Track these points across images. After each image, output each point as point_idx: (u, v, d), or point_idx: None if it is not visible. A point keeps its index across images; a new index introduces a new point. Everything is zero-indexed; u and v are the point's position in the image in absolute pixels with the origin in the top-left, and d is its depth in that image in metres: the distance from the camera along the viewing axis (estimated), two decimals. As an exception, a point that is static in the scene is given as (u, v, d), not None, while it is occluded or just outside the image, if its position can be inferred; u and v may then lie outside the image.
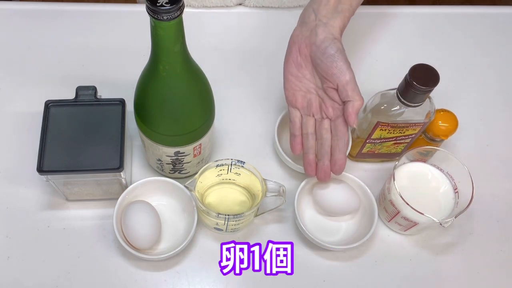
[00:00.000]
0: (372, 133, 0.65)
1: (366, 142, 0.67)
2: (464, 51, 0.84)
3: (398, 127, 0.63)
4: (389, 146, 0.68)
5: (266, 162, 0.72)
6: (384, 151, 0.69)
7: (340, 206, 0.65)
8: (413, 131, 0.65)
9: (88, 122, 0.61)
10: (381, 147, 0.68)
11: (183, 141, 0.60)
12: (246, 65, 0.80)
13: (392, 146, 0.68)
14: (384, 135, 0.65)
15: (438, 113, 0.66)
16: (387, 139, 0.66)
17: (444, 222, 0.59)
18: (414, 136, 0.66)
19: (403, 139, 0.66)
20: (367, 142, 0.67)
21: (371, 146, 0.68)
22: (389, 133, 0.65)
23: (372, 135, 0.65)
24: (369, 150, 0.69)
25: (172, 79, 0.53)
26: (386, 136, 0.65)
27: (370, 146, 0.68)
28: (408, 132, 0.65)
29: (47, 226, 0.66)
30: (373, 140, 0.67)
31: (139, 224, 0.61)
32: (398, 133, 0.65)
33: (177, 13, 0.45)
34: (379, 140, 0.66)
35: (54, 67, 0.77)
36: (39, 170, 0.58)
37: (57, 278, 0.63)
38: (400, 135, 0.65)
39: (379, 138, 0.66)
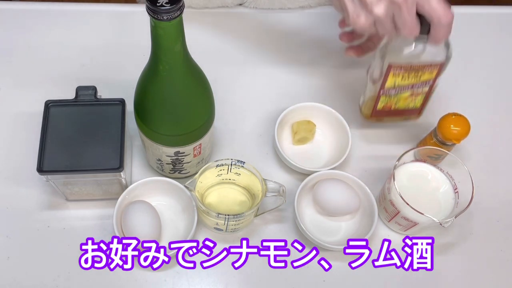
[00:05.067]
0: (385, 81, 0.61)
1: (379, 94, 0.63)
2: (464, 51, 0.84)
3: (412, 70, 0.60)
4: (406, 98, 0.64)
5: (266, 162, 0.72)
6: (401, 105, 0.65)
7: (340, 206, 0.65)
8: (429, 76, 0.60)
9: (88, 122, 0.61)
10: (397, 100, 0.64)
11: (183, 141, 0.60)
12: (246, 65, 0.80)
13: (409, 98, 0.64)
14: (398, 82, 0.61)
15: (450, 117, 0.66)
16: (402, 88, 0.62)
17: (444, 222, 0.59)
18: (432, 83, 0.62)
19: (420, 87, 0.62)
20: (381, 94, 0.63)
21: (386, 100, 0.64)
22: (404, 79, 0.61)
23: (386, 84, 0.61)
24: (385, 105, 0.65)
25: (172, 79, 0.53)
26: (400, 83, 0.61)
27: (385, 99, 0.64)
28: (424, 77, 0.60)
29: (47, 226, 0.66)
30: (387, 91, 0.62)
31: (139, 224, 0.61)
32: (413, 78, 0.61)
33: (177, 13, 0.45)
34: (393, 89, 0.62)
35: (54, 67, 0.77)
36: (39, 170, 0.58)
37: (57, 278, 0.63)
38: (416, 81, 0.61)
39: (393, 86, 0.62)
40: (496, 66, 0.83)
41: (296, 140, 0.72)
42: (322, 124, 0.73)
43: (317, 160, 0.72)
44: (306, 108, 0.72)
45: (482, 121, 0.74)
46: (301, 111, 0.72)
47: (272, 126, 0.71)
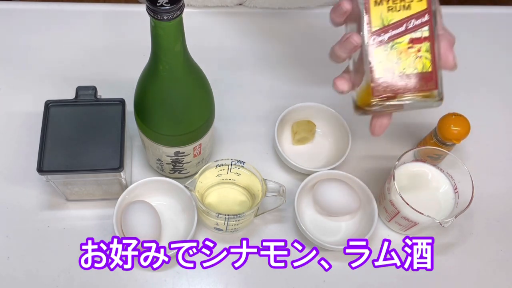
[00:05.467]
0: (370, 16, 0.49)
1: (370, 45, 0.50)
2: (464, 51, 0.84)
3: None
4: (407, 51, 0.50)
5: (266, 162, 0.72)
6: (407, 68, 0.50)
7: (340, 206, 0.65)
8: (420, 4, 0.50)
9: (88, 122, 0.61)
10: (398, 57, 0.50)
11: (183, 141, 0.60)
12: (246, 65, 0.80)
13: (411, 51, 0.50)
14: (386, 18, 0.49)
15: (450, 117, 0.66)
16: (395, 29, 0.50)
17: (444, 222, 0.59)
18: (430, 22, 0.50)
19: (418, 28, 0.50)
20: (372, 45, 0.50)
21: (381, 55, 0.50)
22: (390, 9, 0.49)
23: (372, 20, 0.49)
24: (385, 69, 0.50)
25: (172, 79, 0.53)
26: (389, 19, 0.49)
27: (380, 54, 0.50)
28: (415, 7, 0.49)
29: (47, 226, 0.66)
30: (378, 36, 0.49)
31: (139, 224, 0.61)
32: (402, 8, 0.50)
33: (177, 13, 0.45)
34: (385, 32, 0.50)
35: (54, 67, 0.77)
36: (39, 170, 0.58)
37: (57, 278, 0.63)
38: (409, 13, 0.49)
39: (383, 27, 0.49)
40: (496, 66, 0.83)
41: (296, 140, 0.72)
42: (322, 124, 0.73)
43: (317, 160, 0.72)
44: (306, 108, 0.72)
45: (482, 121, 0.74)
46: (301, 111, 0.72)
47: (272, 126, 0.71)
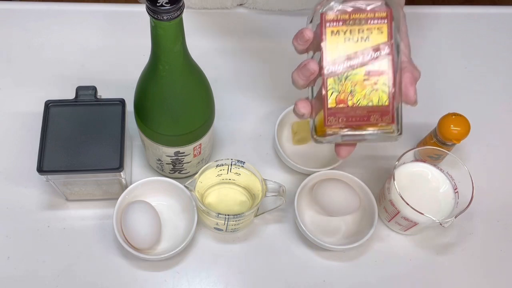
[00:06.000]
0: (325, 46, 0.48)
1: (324, 77, 0.48)
2: (464, 51, 0.84)
3: (352, 20, 0.48)
4: (362, 84, 0.49)
5: (266, 162, 0.72)
6: (361, 100, 0.49)
7: (340, 206, 0.65)
8: (380, 36, 0.48)
9: (88, 122, 0.61)
10: (352, 88, 0.49)
11: (183, 141, 0.60)
12: (246, 65, 0.80)
13: (367, 83, 0.49)
14: (343, 49, 0.48)
15: (450, 116, 0.66)
16: (350, 60, 0.48)
17: (444, 222, 0.59)
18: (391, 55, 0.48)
19: (376, 60, 0.48)
20: (326, 75, 0.48)
21: (336, 86, 0.49)
22: (347, 40, 0.48)
23: (327, 52, 0.48)
24: (339, 99, 0.49)
25: (172, 79, 0.53)
26: (346, 48, 0.48)
27: (334, 85, 0.49)
28: (374, 39, 0.48)
29: (47, 226, 0.66)
30: (332, 66, 0.48)
31: (139, 224, 0.61)
32: (359, 39, 0.48)
33: (177, 13, 0.45)
34: (340, 63, 0.48)
35: (54, 67, 0.77)
36: (39, 170, 0.58)
37: (57, 278, 0.63)
38: (366, 45, 0.48)
39: (338, 58, 0.48)
40: (496, 66, 0.83)
41: (296, 140, 0.72)
42: (322, 124, 0.73)
43: (317, 160, 0.72)
44: (306, 108, 0.72)
45: (482, 121, 0.74)
46: (301, 111, 0.72)
47: (272, 126, 0.71)
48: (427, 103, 0.78)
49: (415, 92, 0.50)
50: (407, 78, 0.50)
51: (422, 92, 0.79)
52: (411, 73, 0.51)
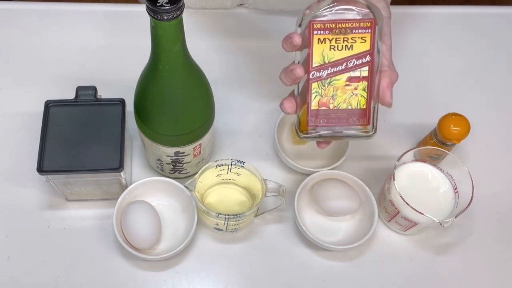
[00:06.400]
0: (311, 54, 0.52)
1: (309, 81, 0.53)
2: (464, 51, 0.84)
3: (337, 29, 0.52)
4: (343, 89, 0.53)
5: (266, 162, 0.72)
6: (341, 103, 0.53)
7: (340, 206, 0.65)
8: (363, 45, 0.52)
9: (88, 122, 0.61)
10: (334, 93, 0.53)
11: (183, 141, 0.60)
12: (246, 65, 0.80)
13: (348, 88, 0.53)
14: (327, 56, 0.52)
15: (450, 116, 0.66)
16: (334, 67, 0.53)
17: (444, 222, 0.59)
18: (371, 63, 0.52)
19: (358, 67, 0.53)
20: (311, 79, 0.53)
21: (320, 91, 0.53)
22: (332, 48, 0.52)
23: (313, 59, 0.52)
24: (321, 102, 0.53)
25: (172, 79, 0.53)
26: (330, 57, 0.52)
27: (318, 90, 0.53)
28: (357, 47, 0.52)
29: (47, 226, 0.66)
30: (318, 72, 0.53)
31: (139, 224, 0.61)
32: (344, 47, 0.52)
33: (177, 13, 0.45)
34: (325, 69, 0.53)
35: (54, 67, 0.77)
36: (39, 170, 0.58)
37: (57, 278, 0.63)
38: (349, 53, 0.52)
39: (323, 64, 0.53)
40: (496, 66, 0.83)
41: (296, 140, 0.72)
42: (322, 124, 0.73)
43: (317, 160, 0.72)
44: (306, 108, 0.72)
45: (482, 121, 0.75)
46: (301, 111, 0.72)
47: (272, 126, 0.71)
48: (427, 103, 0.78)
49: (391, 95, 0.54)
50: (384, 82, 0.53)
51: (422, 92, 0.79)
52: (389, 77, 0.54)
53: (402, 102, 0.78)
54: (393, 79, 0.54)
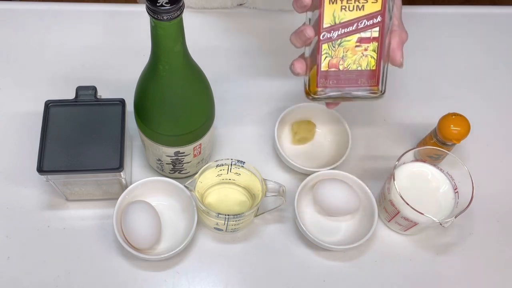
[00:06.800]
0: (322, 15, 0.52)
1: (320, 42, 0.53)
2: (464, 51, 0.84)
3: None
4: (353, 50, 0.54)
5: (266, 162, 0.72)
6: (351, 64, 0.54)
7: (340, 206, 0.65)
8: (374, 6, 0.52)
9: (88, 122, 0.61)
10: (344, 54, 0.54)
11: (183, 141, 0.60)
12: (246, 65, 0.80)
13: (358, 49, 0.54)
14: (338, 16, 0.52)
15: (450, 116, 0.66)
16: (345, 28, 0.53)
17: (444, 222, 0.59)
18: (382, 24, 0.53)
19: (368, 28, 0.53)
20: (322, 40, 0.53)
21: (330, 52, 0.54)
22: (343, 8, 0.52)
23: (324, 20, 0.52)
24: (331, 63, 0.54)
25: (172, 79, 0.53)
26: (341, 18, 0.52)
27: (328, 51, 0.54)
28: (368, 8, 0.52)
29: (47, 226, 0.66)
30: (328, 33, 0.53)
31: (139, 224, 0.61)
32: (355, 8, 0.52)
33: (177, 13, 0.45)
34: (335, 30, 0.53)
35: (54, 67, 0.77)
36: (39, 170, 0.58)
37: (57, 278, 0.63)
38: (360, 14, 0.52)
39: (334, 25, 0.53)
40: (496, 66, 0.83)
41: (296, 140, 0.72)
42: (322, 124, 0.73)
43: (317, 160, 0.72)
44: (306, 108, 0.72)
45: (482, 121, 0.75)
46: (301, 111, 0.72)
47: (272, 126, 0.71)
48: (427, 103, 0.78)
49: (402, 55, 0.54)
50: (394, 42, 0.54)
51: (422, 92, 0.79)
52: (399, 37, 0.54)
53: (402, 102, 0.78)
54: (403, 39, 0.55)
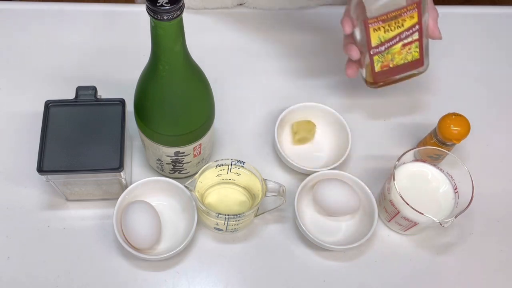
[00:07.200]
0: (369, 39, 0.60)
1: (371, 55, 0.63)
2: (464, 51, 0.84)
3: (390, 19, 0.60)
4: (399, 52, 0.63)
5: (266, 162, 0.72)
6: (399, 61, 0.64)
7: (340, 206, 0.65)
8: (411, 20, 0.60)
9: (88, 122, 0.61)
10: (392, 57, 0.63)
11: (183, 141, 0.60)
12: (246, 65, 0.80)
13: (403, 50, 0.63)
14: (383, 37, 0.61)
15: (450, 117, 0.66)
16: (390, 42, 0.62)
17: (444, 222, 0.59)
18: (419, 28, 0.61)
19: (409, 35, 0.62)
20: (372, 54, 0.62)
21: (380, 59, 0.63)
22: (386, 31, 0.61)
23: (372, 42, 0.61)
24: (383, 65, 0.64)
25: (172, 79, 0.53)
26: (386, 37, 0.61)
27: (379, 59, 0.63)
28: (407, 24, 0.60)
29: (47, 226, 0.66)
30: (376, 49, 0.62)
31: (139, 224, 0.61)
32: (395, 28, 0.61)
33: (177, 13, 0.45)
34: (382, 45, 0.62)
35: (54, 67, 0.77)
36: (39, 170, 0.58)
37: (57, 278, 0.63)
38: (401, 30, 0.61)
39: (380, 43, 0.61)
40: (496, 66, 0.83)
41: (296, 140, 0.72)
42: (322, 124, 0.73)
43: (317, 160, 0.72)
44: (306, 108, 0.72)
45: (482, 121, 0.75)
46: (301, 111, 0.72)
47: (272, 126, 0.71)
48: (427, 103, 0.78)
49: (439, 31, 0.63)
50: (431, 22, 0.62)
51: (422, 92, 0.79)
52: (433, 16, 0.63)
53: (403, 102, 0.78)
54: (435, 17, 0.63)
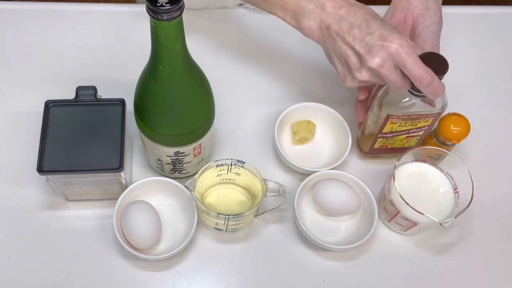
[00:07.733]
0: (383, 127, 0.63)
1: (377, 137, 0.66)
2: (464, 51, 0.84)
3: (409, 119, 0.62)
4: (401, 140, 0.67)
5: (266, 162, 0.72)
6: (397, 145, 0.68)
7: (340, 206, 0.65)
8: (425, 123, 0.63)
9: (88, 122, 0.61)
10: (393, 142, 0.67)
11: (183, 141, 0.60)
12: (246, 65, 0.80)
13: (404, 140, 0.67)
14: (395, 129, 0.64)
15: (449, 117, 0.66)
16: (398, 133, 0.65)
17: (444, 222, 0.59)
18: (427, 128, 0.65)
19: (416, 132, 0.65)
20: (379, 137, 0.66)
21: (383, 141, 0.67)
22: (401, 126, 0.63)
23: (384, 129, 0.64)
24: (381, 145, 0.68)
25: (172, 79, 0.53)
26: (397, 129, 0.64)
27: (382, 141, 0.67)
28: (420, 124, 0.63)
29: (47, 226, 0.66)
30: (384, 135, 0.65)
31: (139, 224, 0.61)
32: (409, 125, 0.63)
33: (177, 13, 0.45)
34: (390, 134, 0.65)
35: (54, 67, 0.77)
36: (39, 170, 0.58)
37: (57, 278, 0.63)
38: (412, 127, 0.64)
39: (390, 132, 0.64)
40: (496, 66, 0.83)
41: (296, 140, 0.72)
42: (322, 124, 0.73)
43: (317, 160, 0.72)
44: (306, 108, 0.72)
45: (482, 121, 0.75)
46: (301, 111, 0.72)
47: (272, 126, 0.71)
48: (427, 103, 0.78)
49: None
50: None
51: (422, 92, 0.79)
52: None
53: (402, 102, 0.78)
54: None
